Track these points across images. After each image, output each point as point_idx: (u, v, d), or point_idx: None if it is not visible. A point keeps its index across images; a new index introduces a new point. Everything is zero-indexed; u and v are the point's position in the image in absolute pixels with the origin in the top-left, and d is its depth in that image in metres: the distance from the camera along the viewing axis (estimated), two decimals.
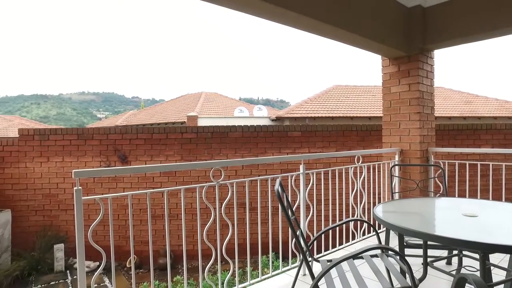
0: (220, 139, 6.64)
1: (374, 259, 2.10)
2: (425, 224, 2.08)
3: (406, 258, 1.83)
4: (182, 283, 5.29)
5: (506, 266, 2.32)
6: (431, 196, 4.06)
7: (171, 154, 6.55)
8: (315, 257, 2.28)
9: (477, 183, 4.27)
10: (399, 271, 2.04)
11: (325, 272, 1.62)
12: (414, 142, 4.13)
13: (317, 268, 2.34)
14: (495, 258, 2.95)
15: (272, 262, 3.13)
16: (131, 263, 6.16)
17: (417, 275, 2.59)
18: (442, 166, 3.80)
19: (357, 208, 3.87)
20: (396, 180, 4.14)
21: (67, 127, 6.78)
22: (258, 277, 2.86)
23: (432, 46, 4.07)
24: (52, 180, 6.42)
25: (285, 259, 5.03)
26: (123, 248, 6.26)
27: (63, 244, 6.07)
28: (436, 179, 4.21)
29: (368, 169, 3.99)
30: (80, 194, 1.92)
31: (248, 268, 2.82)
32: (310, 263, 2.04)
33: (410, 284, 1.66)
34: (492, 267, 2.26)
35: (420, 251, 2.39)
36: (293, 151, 6.68)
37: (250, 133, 6.68)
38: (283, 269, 3.03)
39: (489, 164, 4.05)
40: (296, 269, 2.84)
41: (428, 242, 2.23)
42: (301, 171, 2.98)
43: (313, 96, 17.22)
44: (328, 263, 2.01)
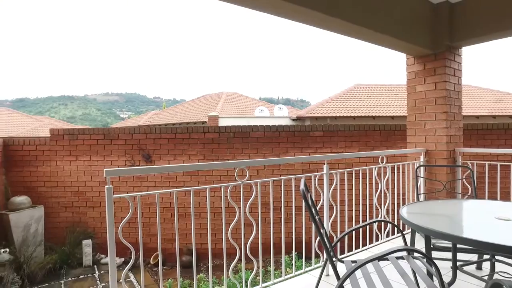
0: (242, 139, 6.69)
1: (400, 261, 2.07)
2: (454, 227, 2.03)
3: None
4: (205, 280, 5.38)
5: None
6: (458, 198, 3.94)
7: (193, 154, 6.67)
8: (338, 257, 2.27)
9: (510, 185, 4.11)
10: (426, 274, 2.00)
11: (351, 273, 1.62)
12: (440, 142, 4.02)
13: (340, 269, 2.33)
14: None
15: (295, 262, 3.13)
16: (155, 260, 6.34)
17: (445, 279, 2.52)
18: (470, 167, 3.68)
19: (381, 209, 3.82)
20: (421, 181, 4.05)
21: (94, 127, 7.03)
22: (281, 277, 2.88)
23: (460, 43, 3.95)
24: (80, 178, 6.68)
25: (306, 259, 5.01)
26: (147, 245, 6.43)
27: (90, 240, 6.31)
28: (464, 180, 4.08)
29: (392, 169, 3.93)
30: (111, 192, 2.01)
31: (272, 267, 2.84)
32: (334, 264, 2.04)
33: None
34: None
35: (446, 254, 2.33)
36: (315, 151, 6.64)
37: (272, 133, 6.69)
38: (306, 269, 3.04)
39: None
40: (319, 269, 2.83)
41: (457, 246, 2.18)
42: (324, 171, 2.97)
43: (334, 96, 17.03)
44: (353, 264, 2.00)
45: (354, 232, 2.26)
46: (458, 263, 2.40)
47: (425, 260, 1.91)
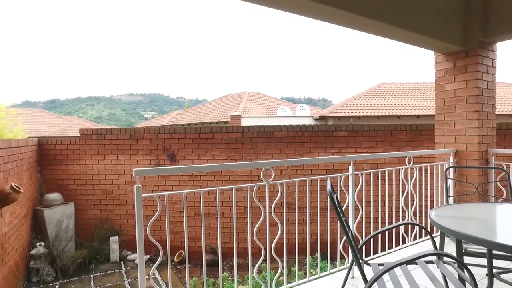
0: (265, 138, 6.69)
1: (429, 265, 2.01)
2: (489, 231, 1.95)
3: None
4: (228, 279, 5.43)
5: None
6: (492, 201, 3.77)
7: (217, 153, 6.74)
8: (364, 259, 2.23)
9: None
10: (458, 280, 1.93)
11: (379, 276, 1.59)
12: (472, 142, 3.87)
13: (366, 271, 2.29)
14: None
15: (319, 263, 3.11)
16: (178, 258, 6.46)
17: (480, 286, 2.42)
18: (505, 168, 3.51)
19: (408, 211, 3.71)
20: (450, 183, 3.91)
21: (121, 127, 7.25)
22: (305, 277, 2.86)
23: (494, 39, 3.78)
24: (107, 176, 6.91)
25: (331, 260, 4.96)
26: (170, 243, 6.55)
27: (117, 237, 6.52)
28: (498, 183, 3.89)
29: (420, 170, 3.81)
30: (140, 191, 2.07)
31: (296, 268, 2.83)
32: (361, 266, 2.01)
33: None
34: None
35: (480, 260, 2.24)
36: (339, 151, 6.55)
37: (295, 133, 6.66)
38: (331, 271, 3.00)
39: None
40: (343, 271, 2.80)
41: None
42: (350, 171, 2.93)
43: (357, 95, 16.73)
44: (380, 267, 1.96)
45: (380, 234, 2.21)
46: (494, 270, 2.30)
47: (456, 265, 1.85)
